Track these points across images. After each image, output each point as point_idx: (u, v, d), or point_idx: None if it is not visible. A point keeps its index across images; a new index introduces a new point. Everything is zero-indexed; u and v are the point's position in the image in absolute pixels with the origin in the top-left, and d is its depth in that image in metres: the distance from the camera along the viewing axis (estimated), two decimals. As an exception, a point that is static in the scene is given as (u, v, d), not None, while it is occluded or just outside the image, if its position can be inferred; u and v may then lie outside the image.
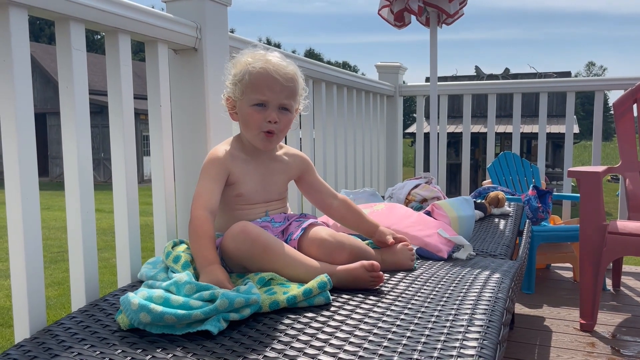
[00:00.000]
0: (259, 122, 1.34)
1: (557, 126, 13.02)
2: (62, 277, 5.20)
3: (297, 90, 1.37)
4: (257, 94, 1.33)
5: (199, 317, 1.00)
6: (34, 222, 1.19)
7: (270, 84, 1.32)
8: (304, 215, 1.48)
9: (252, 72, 1.32)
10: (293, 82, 1.35)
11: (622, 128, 2.59)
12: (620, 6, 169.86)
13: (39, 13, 1.22)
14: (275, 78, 1.32)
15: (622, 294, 2.70)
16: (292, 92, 1.36)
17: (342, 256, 1.31)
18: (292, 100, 1.36)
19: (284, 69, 1.34)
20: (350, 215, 1.53)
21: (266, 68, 1.33)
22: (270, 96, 1.33)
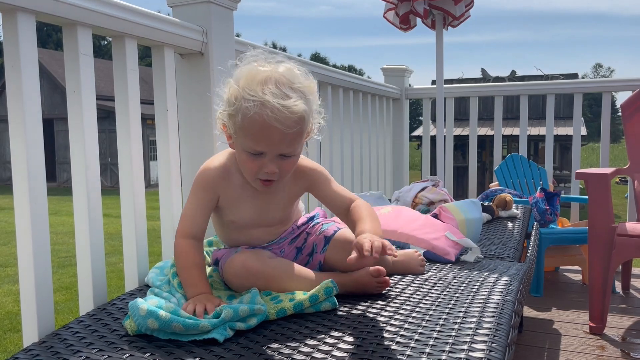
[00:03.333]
0: (254, 170, 1.14)
1: (565, 128, 12.96)
2: (70, 282, 5.22)
3: (304, 130, 1.12)
4: (251, 143, 1.10)
5: (206, 328, 0.99)
6: (43, 228, 1.19)
7: (267, 133, 1.08)
8: (319, 220, 1.38)
9: (245, 114, 1.08)
10: (299, 125, 1.09)
11: (630, 129, 2.58)
12: (628, 7, 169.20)
13: (46, 18, 1.23)
14: (273, 127, 1.07)
15: (632, 297, 2.68)
16: (297, 136, 1.11)
17: (370, 259, 1.15)
18: (297, 144, 1.13)
19: (286, 113, 1.06)
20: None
21: (262, 115, 1.06)
22: (267, 147, 1.10)
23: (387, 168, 3.55)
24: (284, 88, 1.08)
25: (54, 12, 1.20)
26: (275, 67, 1.11)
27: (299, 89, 1.10)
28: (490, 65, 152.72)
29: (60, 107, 18.59)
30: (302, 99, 1.10)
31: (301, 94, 1.11)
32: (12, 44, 1.14)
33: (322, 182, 1.29)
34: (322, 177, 1.29)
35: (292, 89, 1.09)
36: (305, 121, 1.11)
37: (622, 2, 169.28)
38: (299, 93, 1.10)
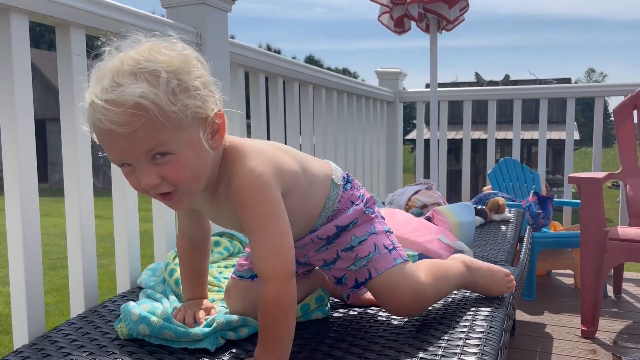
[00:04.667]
0: (138, 187, 0.88)
1: (558, 132, 13.03)
2: (61, 284, 5.19)
3: (156, 119, 0.81)
4: (107, 153, 0.87)
5: (197, 337, 0.99)
6: (34, 229, 1.19)
7: (109, 141, 0.84)
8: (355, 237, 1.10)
9: (88, 124, 0.87)
10: (139, 117, 0.80)
11: (622, 134, 2.59)
12: (621, 13, 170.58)
13: (39, 19, 1.22)
14: (108, 131, 0.82)
15: (623, 301, 2.69)
16: (149, 129, 0.81)
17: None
18: (160, 136, 0.82)
19: (114, 110, 0.80)
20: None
21: (94, 121, 0.84)
22: (120, 155, 0.85)
23: (381, 171, 3.55)
24: (120, 77, 0.82)
25: (47, 12, 1.20)
26: (130, 52, 0.85)
27: (145, 70, 0.82)
28: (484, 69, 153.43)
29: (52, 108, 18.46)
30: (145, 80, 0.81)
31: (148, 75, 0.82)
32: (4, 44, 1.14)
33: (243, 218, 0.91)
34: (246, 212, 0.91)
35: (132, 74, 0.82)
36: (152, 109, 0.81)
37: (615, 8, 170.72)
38: (143, 75, 0.82)
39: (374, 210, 1.15)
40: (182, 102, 0.83)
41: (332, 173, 1.12)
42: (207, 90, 0.87)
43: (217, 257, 1.48)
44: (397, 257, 1.10)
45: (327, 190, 1.10)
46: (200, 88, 0.86)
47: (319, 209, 1.09)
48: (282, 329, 0.90)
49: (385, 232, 1.14)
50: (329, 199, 1.10)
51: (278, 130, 2.23)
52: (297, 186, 1.01)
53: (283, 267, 0.90)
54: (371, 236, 1.11)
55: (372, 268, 1.08)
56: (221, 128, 0.90)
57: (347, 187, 1.14)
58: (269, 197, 0.91)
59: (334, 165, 1.15)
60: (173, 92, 0.83)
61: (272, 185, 0.92)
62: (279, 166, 0.96)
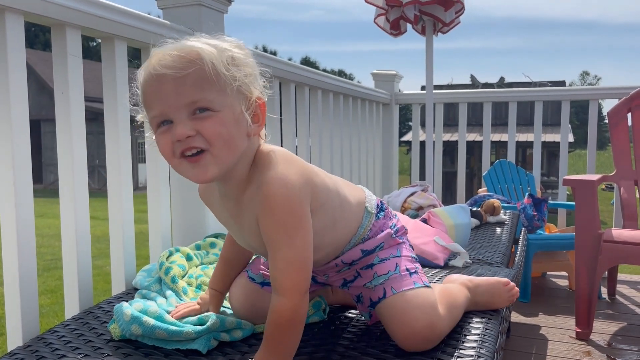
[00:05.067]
0: (168, 147, 0.88)
1: (552, 135, 13.08)
2: (56, 285, 5.16)
3: (208, 72, 0.85)
4: (149, 110, 0.89)
5: (190, 335, 0.98)
6: (28, 230, 1.18)
7: (156, 88, 0.86)
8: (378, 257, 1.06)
9: (139, 81, 0.90)
10: (195, 64, 0.85)
11: (616, 137, 2.60)
12: (615, 16, 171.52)
13: (35, 19, 1.22)
14: (159, 75, 0.85)
15: (618, 303, 2.70)
16: (198, 79, 0.85)
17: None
18: (207, 91, 0.85)
19: (174, 54, 0.86)
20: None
21: (147, 68, 0.88)
22: (165, 105, 0.86)
23: (377, 172, 3.55)
24: (183, 42, 0.89)
25: (42, 13, 1.19)
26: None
27: (206, 42, 0.89)
28: (479, 71, 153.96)
29: (47, 108, 18.43)
30: (207, 44, 0.88)
31: (209, 45, 0.88)
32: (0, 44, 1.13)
33: (268, 226, 0.89)
34: (266, 209, 0.88)
35: (195, 40, 0.90)
36: (207, 61, 0.85)
37: (609, 11, 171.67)
38: (204, 43, 0.89)
39: (403, 239, 1.12)
40: (232, 72, 0.88)
41: (366, 200, 1.09)
42: (254, 76, 0.92)
43: (213, 258, 1.48)
44: (418, 281, 1.02)
45: (360, 218, 1.06)
46: (250, 69, 0.91)
47: (349, 235, 1.05)
48: (289, 341, 0.89)
49: (411, 258, 1.09)
50: (361, 226, 1.06)
51: (274, 131, 2.23)
52: (328, 205, 0.98)
53: (302, 282, 0.88)
54: (395, 258, 1.06)
55: (388, 287, 1.01)
56: (261, 119, 0.92)
57: (380, 215, 1.10)
58: (298, 208, 0.88)
59: (368, 193, 1.12)
60: (227, 61, 0.88)
61: (303, 197, 0.89)
62: (311, 179, 0.93)
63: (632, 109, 2.60)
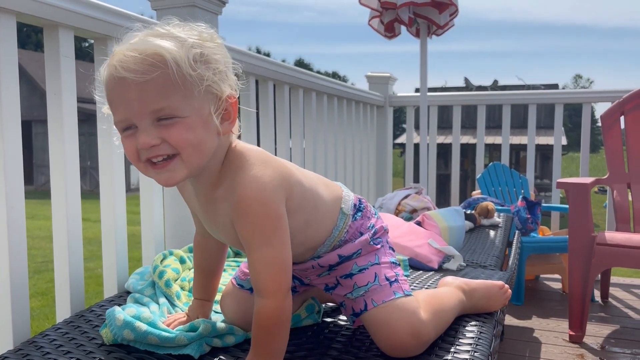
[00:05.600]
0: (133, 152, 0.85)
1: (545, 137, 13.14)
2: (47, 288, 5.12)
3: (173, 76, 0.80)
4: (114, 113, 0.86)
5: (182, 342, 0.97)
6: (20, 232, 1.17)
7: (119, 92, 0.82)
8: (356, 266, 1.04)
9: (102, 78, 0.87)
10: (158, 68, 0.80)
11: (609, 140, 2.62)
12: (607, 20, 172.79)
13: (27, 19, 1.21)
14: (121, 79, 0.80)
15: (611, 305, 2.71)
16: (162, 84, 0.80)
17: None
18: (171, 97, 0.81)
19: (134, 55, 0.80)
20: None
21: (108, 67, 0.84)
22: (126, 112, 0.82)
23: (371, 175, 3.55)
24: (148, 37, 0.84)
25: (35, 13, 1.18)
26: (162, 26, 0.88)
27: (173, 35, 0.84)
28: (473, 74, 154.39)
29: (38, 109, 18.33)
30: (172, 40, 0.83)
31: (175, 39, 0.83)
32: (-9, 44, 1.12)
33: (244, 229, 0.88)
34: (247, 223, 0.87)
35: (160, 36, 0.84)
36: (171, 64, 0.80)
37: (602, 15, 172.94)
38: (170, 38, 0.83)
39: (381, 241, 1.09)
40: (200, 71, 0.82)
41: (342, 202, 1.06)
42: (225, 72, 0.87)
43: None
44: (398, 291, 1.01)
45: (335, 219, 1.04)
46: (220, 66, 0.86)
47: (324, 236, 1.03)
48: (276, 342, 0.88)
49: (390, 263, 1.07)
50: (336, 228, 1.04)
51: (268, 133, 2.22)
52: (304, 204, 0.97)
53: (283, 282, 0.88)
54: (373, 266, 1.04)
55: (369, 299, 1.00)
56: (232, 116, 0.88)
57: (358, 216, 1.08)
58: (274, 210, 0.87)
59: (346, 192, 1.09)
60: (194, 59, 0.82)
61: (278, 197, 0.88)
62: (287, 179, 0.92)
63: (624, 112, 2.61)
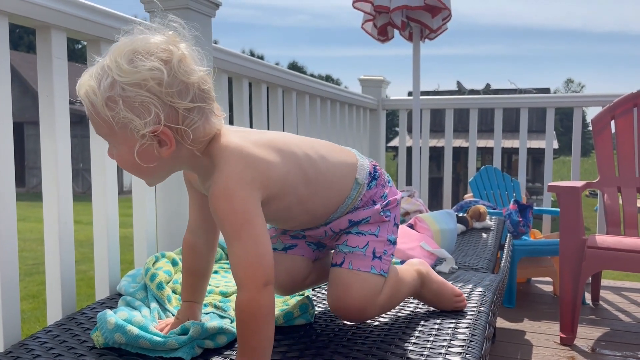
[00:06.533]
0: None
1: (537, 141, 13.21)
2: (37, 290, 5.09)
3: (94, 116, 0.89)
4: None
5: (173, 346, 0.97)
6: (11, 234, 1.16)
7: None
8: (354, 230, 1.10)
9: None
10: (87, 108, 0.90)
11: (600, 144, 2.64)
12: (598, 25, 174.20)
13: (20, 21, 1.20)
14: None
15: (601, 308, 2.73)
16: (92, 117, 0.90)
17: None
18: (100, 129, 0.91)
19: (77, 90, 0.91)
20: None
21: None
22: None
23: (363, 178, 3.55)
24: (94, 67, 0.90)
25: (27, 15, 1.18)
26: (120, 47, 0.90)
27: (105, 71, 0.88)
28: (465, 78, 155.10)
29: (30, 111, 18.22)
30: (96, 79, 0.88)
31: (103, 75, 0.88)
32: (-18, 45, 1.11)
33: (217, 223, 0.94)
34: (218, 219, 0.92)
35: (101, 67, 0.89)
36: (87, 105, 0.89)
37: (593, 21, 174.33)
38: (102, 73, 0.88)
39: (390, 215, 1.12)
40: (117, 110, 0.86)
41: (357, 171, 1.10)
42: (151, 107, 0.86)
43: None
44: (376, 267, 1.07)
45: (349, 189, 1.09)
46: (141, 103, 0.86)
47: (335, 205, 1.08)
48: (256, 337, 0.89)
49: (387, 240, 1.11)
50: (349, 197, 1.09)
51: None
52: (292, 185, 1.00)
53: (256, 275, 0.89)
54: (370, 236, 1.10)
55: (347, 259, 1.07)
56: (169, 142, 0.89)
57: (372, 184, 1.12)
58: (240, 205, 0.90)
59: (360, 162, 1.13)
60: (111, 99, 0.86)
61: (245, 192, 0.91)
62: (261, 171, 0.94)
63: (615, 116, 2.63)
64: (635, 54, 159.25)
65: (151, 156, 0.90)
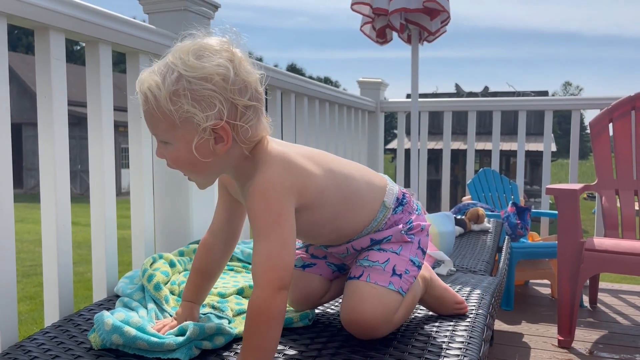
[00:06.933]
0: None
1: (535, 144, 13.24)
2: (35, 292, 5.08)
3: (153, 110, 0.91)
4: None
5: (171, 347, 0.97)
6: (8, 236, 1.16)
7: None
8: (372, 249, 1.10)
9: None
10: (144, 102, 0.92)
11: (598, 147, 2.64)
12: (596, 28, 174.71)
13: (18, 22, 1.20)
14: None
15: (599, 311, 2.73)
16: (150, 116, 0.93)
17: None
18: (157, 127, 0.93)
19: (137, 87, 0.94)
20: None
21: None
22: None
23: (362, 180, 3.55)
24: (157, 64, 0.94)
25: (26, 16, 1.18)
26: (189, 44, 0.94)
27: (170, 65, 0.91)
28: (464, 80, 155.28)
29: (29, 112, 18.20)
30: (160, 74, 0.91)
31: (168, 70, 0.91)
32: (-19, 46, 1.11)
33: (250, 219, 0.95)
34: (251, 215, 0.94)
35: (164, 65, 0.92)
36: (150, 100, 0.91)
37: (591, 24, 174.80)
38: (166, 69, 0.91)
39: (414, 238, 1.11)
40: (181, 104, 0.89)
41: (386, 194, 1.11)
42: (215, 101, 0.90)
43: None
44: (395, 284, 1.05)
45: (375, 211, 1.10)
46: (206, 97, 0.89)
47: (361, 226, 1.09)
48: (264, 340, 0.89)
49: (409, 261, 1.09)
50: (375, 219, 1.10)
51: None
52: (326, 200, 1.02)
53: (275, 277, 0.90)
54: (392, 253, 1.08)
55: (367, 272, 1.06)
56: (226, 139, 0.92)
57: (398, 210, 1.12)
58: (275, 205, 0.93)
59: (390, 186, 1.13)
60: (176, 93, 0.89)
61: (283, 195, 0.93)
62: (300, 179, 0.97)
63: (613, 119, 2.64)
64: (633, 57, 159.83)
65: (206, 152, 0.93)
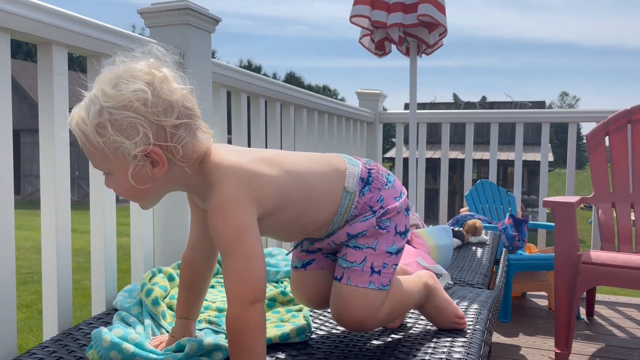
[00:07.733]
0: None
1: (532, 154, 13.26)
2: (31, 299, 5.06)
3: (87, 145, 0.91)
4: None
5: None
6: (8, 243, 1.16)
7: None
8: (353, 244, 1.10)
9: None
10: (79, 139, 0.93)
11: (594, 160, 2.66)
12: (593, 38, 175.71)
13: (21, 37, 1.21)
14: None
15: (596, 323, 2.74)
16: (86, 148, 0.93)
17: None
18: (94, 159, 0.94)
19: (68, 124, 0.94)
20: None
21: None
22: None
23: (360, 190, 3.56)
24: (85, 100, 0.93)
25: (29, 31, 1.19)
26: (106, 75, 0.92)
27: (93, 99, 0.91)
28: (461, 90, 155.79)
29: (27, 119, 18.19)
30: (85, 108, 0.91)
31: (92, 104, 0.90)
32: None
33: (213, 237, 0.95)
34: (214, 235, 0.95)
35: (89, 99, 0.92)
36: (79, 135, 0.91)
37: (588, 34, 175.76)
38: (90, 102, 0.91)
39: (388, 225, 1.10)
40: (108, 136, 0.89)
41: (345, 180, 1.08)
42: (139, 127, 0.89)
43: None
44: (375, 282, 1.07)
45: (338, 199, 1.07)
46: (129, 125, 0.88)
47: (330, 216, 1.08)
48: (244, 353, 0.90)
49: (386, 253, 1.09)
50: (341, 206, 1.08)
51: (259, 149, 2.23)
52: (287, 201, 1.02)
53: (246, 291, 0.90)
54: (367, 249, 1.08)
55: (346, 275, 1.07)
56: (161, 162, 0.92)
57: (365, 190, 1.09)
58: (233, 222, 0.92)
59: (350, 169, 1.10)
60: (100, 125, 0.89)
61: (240, 210, 0.93)
62: (257, 187, 0.96)
63: (609, 132, 2.66)
64: (630, 68, 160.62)
65: (145, 178, 0.93)
